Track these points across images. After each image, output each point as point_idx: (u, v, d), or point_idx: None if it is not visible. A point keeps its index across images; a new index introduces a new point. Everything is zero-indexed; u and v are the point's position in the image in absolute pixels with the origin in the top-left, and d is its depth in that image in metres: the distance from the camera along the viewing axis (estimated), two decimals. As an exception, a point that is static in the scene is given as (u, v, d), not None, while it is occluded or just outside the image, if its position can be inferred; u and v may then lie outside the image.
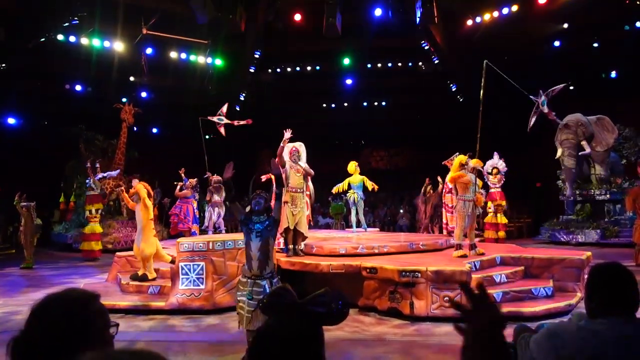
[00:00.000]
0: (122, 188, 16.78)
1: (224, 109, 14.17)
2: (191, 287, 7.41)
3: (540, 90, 13.95)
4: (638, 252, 11.11)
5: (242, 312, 4.83)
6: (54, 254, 15.50)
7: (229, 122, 14.01)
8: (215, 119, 13.90)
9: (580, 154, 15.78)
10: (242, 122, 14.03)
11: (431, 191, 16.04)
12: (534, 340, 2.09)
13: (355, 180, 12.01)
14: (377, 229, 15.45)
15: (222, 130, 14.05)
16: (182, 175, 13.68)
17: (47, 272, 11.93)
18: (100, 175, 15.31)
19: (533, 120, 14.10)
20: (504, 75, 9.74)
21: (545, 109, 14.28)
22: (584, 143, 15.72)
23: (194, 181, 13.70)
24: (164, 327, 6.74)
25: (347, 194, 12.13)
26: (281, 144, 7.95)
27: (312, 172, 8.59)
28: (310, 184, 8.79)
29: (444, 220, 12.36)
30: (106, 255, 13.82)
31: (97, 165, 15.54)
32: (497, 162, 13.16)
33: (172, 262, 8.55)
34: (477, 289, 1.29)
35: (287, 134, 7.85)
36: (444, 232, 12.08)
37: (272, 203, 5.32)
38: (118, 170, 16.33)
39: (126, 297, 8.04)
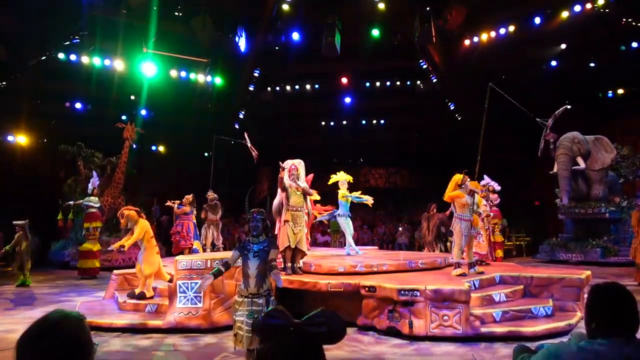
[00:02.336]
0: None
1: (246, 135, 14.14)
2: (189, 305, 7.35)
3: (551, 114, 13.87)
4: (638, 271, 11.10)
5: (240, 333, 4.76)
6: (51, 272, 15.40)
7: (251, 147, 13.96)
8: (247, 143, 13.78)
9: (573, 168, 15.82)
10: (254, 152, 14.00)
11: (434, 210, 16.07)
12: None
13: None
14: (376, 247, 15.40)
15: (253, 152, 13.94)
16: (174, 205, 13.50)
17: (44, 290, 11.85)
18: (89, 189, 15.15)
19: (542, 143, 14.08)
20: (510, 99, 9.79)
21: (547, 131, 14.34)
22: (578, 159, 15.79)
23: (190, 197, 13.62)
24: (161, 346, 6.68)
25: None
26: (279, 175, 8.00)
27: (310, 192, 8.58)
28: (308, 202, 8.76)
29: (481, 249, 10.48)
30: (104, 273, 13.74)
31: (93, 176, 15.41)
32: (489, 182, 13.16)
33: (171, 281, 8.51)
34: None
35: (282, 172, 7.97)
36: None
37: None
38: (95, 175, 15.89)
39: (123, 315, 7.97)
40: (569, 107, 14.39)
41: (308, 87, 25.06)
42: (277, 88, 25.29)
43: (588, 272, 8.37)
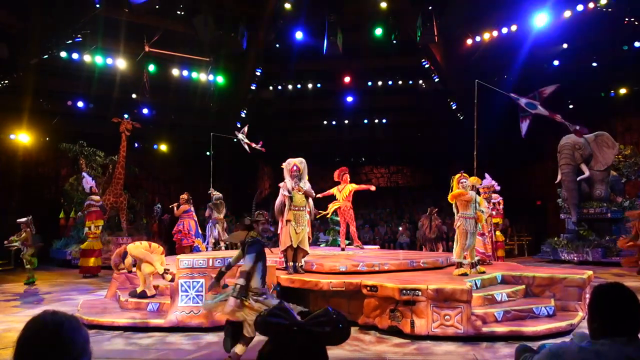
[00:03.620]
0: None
1: (245, 129, 14.07)
2: (190, 304, 7.35)
3: (512, 94, 13.21)
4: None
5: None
6: (53, 270, 15.44)
7: (249, 143, 13.92)
8: (240, 135, 13.76)
9: (579, 179, 15.75)
10: (258, 146, 13.95)
11: (435, 213, 16.14)
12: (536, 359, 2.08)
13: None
14: (377, 247, 15.40)
15: (246, 147, 13.91)
16: (175, 208, 13.63)
17: (46, 288, 11.87)
18: (87, 189, 15.12)
19: (525, 124, 13.50)
20: (499, 90, 9.81)
21: (545, 111, 13.58)
22: (582, 166, 15.72)
23: (185, 195, 13.63)
24: (162, 344, 6.69)
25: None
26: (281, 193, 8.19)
27: (313, 194, 8.58)
28: (310, 201, 8.77)
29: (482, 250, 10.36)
30: (105, 272, 13.76)
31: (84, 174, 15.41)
32: (491, 182, 13.11)
33: (172, 280, 8.52)
34: None
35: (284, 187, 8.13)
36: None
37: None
38: (85, 175, 15.76)
39: (125, 314, 7.98)
40: (570, 105, 14.22)
41: (310, 85, 25.06)
42: (279, 87, 25.30)
43: (590, 271, 8.36)
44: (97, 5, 16.79)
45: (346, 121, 27.58)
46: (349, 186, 11.38)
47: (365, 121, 27.78)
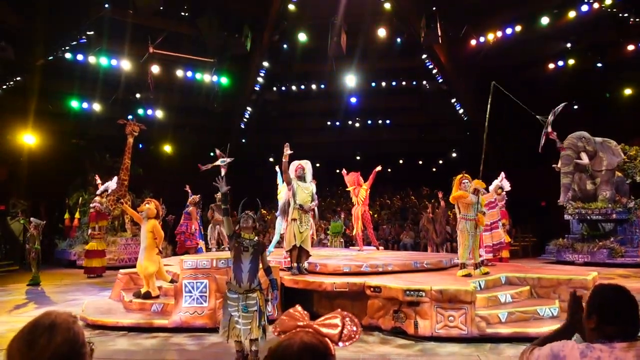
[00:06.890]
0: (127, 198, 16.73)
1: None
2: (194, 305, 7.37)
3: (552, 110, 13.60)
4: None
5: (238, 327, 5.11)
6: (58, 271, 15.48)
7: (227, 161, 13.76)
8: (218, 162, 13.67)
9: (575, 161, 15.74)
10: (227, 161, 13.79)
11: (437, 210, 16.08)
12: (537, 357, 2.06)
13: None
14: (381, 248, 15.38)
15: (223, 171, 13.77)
16: (188, 191, 13.75)
17: (50, 288, 11.91)
18: (100, 189, 15.17)
19: (543, 140, 13.92)
20: (512, 97, 9.79)
21: (549, 129, 14.14)
22: (582, 154, 15.71)
23: (197, 197, 13.71)
24: (166, 345, 6.70)
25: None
26: (283, 159, 8.09)
27: (316, 203, 8.89)
28: (316, 200, 8.86)
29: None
30: (110, 273, 13.81)
31: (98, 181, 15.45)
32: (503, 182, 13.04)
33: (172, 281, 8.53)
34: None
35: (287, 150, 8.02)
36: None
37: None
38: (115, 179, 15.91)
39: (129, 314, 8.00)
40: (571, 105, 14.20)
41: (314, 87, 25.07)
42: (283, 88, 25.32)
43: (595, 273, 8.34)
44: (106, 6, 16.85)
45: (350, 122, 27.57)
46: (362, 189, 11.69)
47: (369, 122, 27.76)
